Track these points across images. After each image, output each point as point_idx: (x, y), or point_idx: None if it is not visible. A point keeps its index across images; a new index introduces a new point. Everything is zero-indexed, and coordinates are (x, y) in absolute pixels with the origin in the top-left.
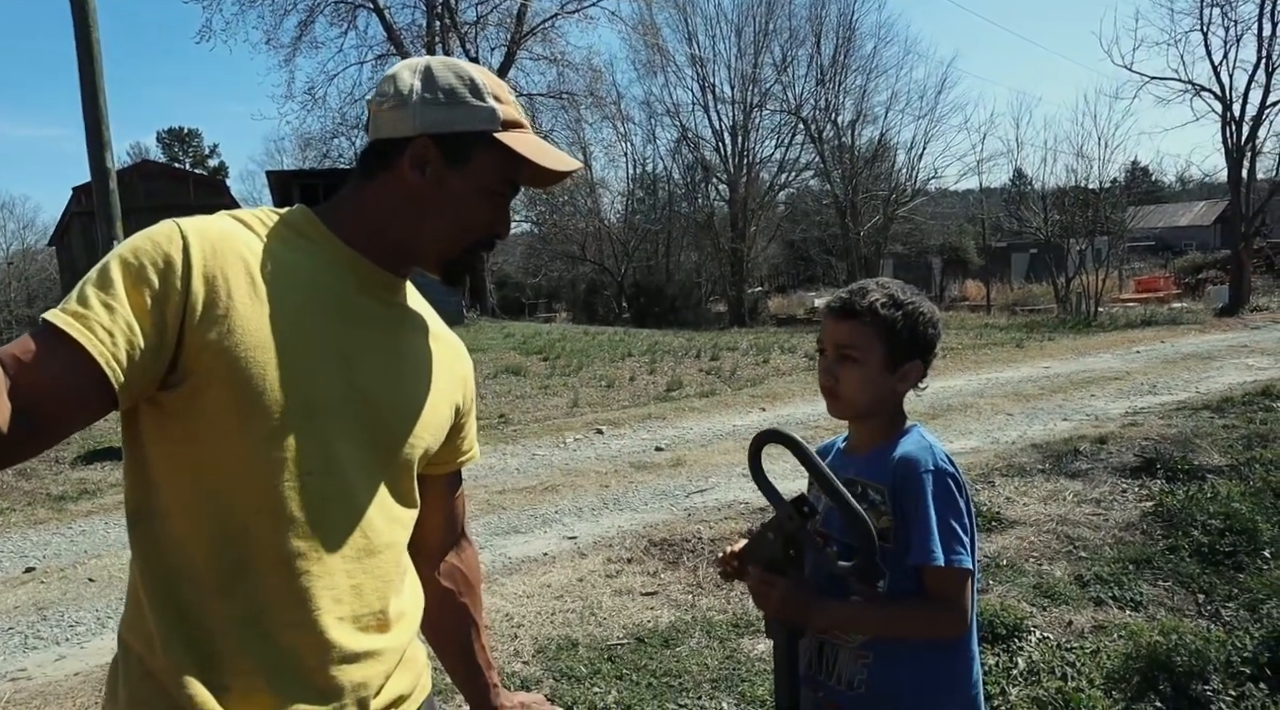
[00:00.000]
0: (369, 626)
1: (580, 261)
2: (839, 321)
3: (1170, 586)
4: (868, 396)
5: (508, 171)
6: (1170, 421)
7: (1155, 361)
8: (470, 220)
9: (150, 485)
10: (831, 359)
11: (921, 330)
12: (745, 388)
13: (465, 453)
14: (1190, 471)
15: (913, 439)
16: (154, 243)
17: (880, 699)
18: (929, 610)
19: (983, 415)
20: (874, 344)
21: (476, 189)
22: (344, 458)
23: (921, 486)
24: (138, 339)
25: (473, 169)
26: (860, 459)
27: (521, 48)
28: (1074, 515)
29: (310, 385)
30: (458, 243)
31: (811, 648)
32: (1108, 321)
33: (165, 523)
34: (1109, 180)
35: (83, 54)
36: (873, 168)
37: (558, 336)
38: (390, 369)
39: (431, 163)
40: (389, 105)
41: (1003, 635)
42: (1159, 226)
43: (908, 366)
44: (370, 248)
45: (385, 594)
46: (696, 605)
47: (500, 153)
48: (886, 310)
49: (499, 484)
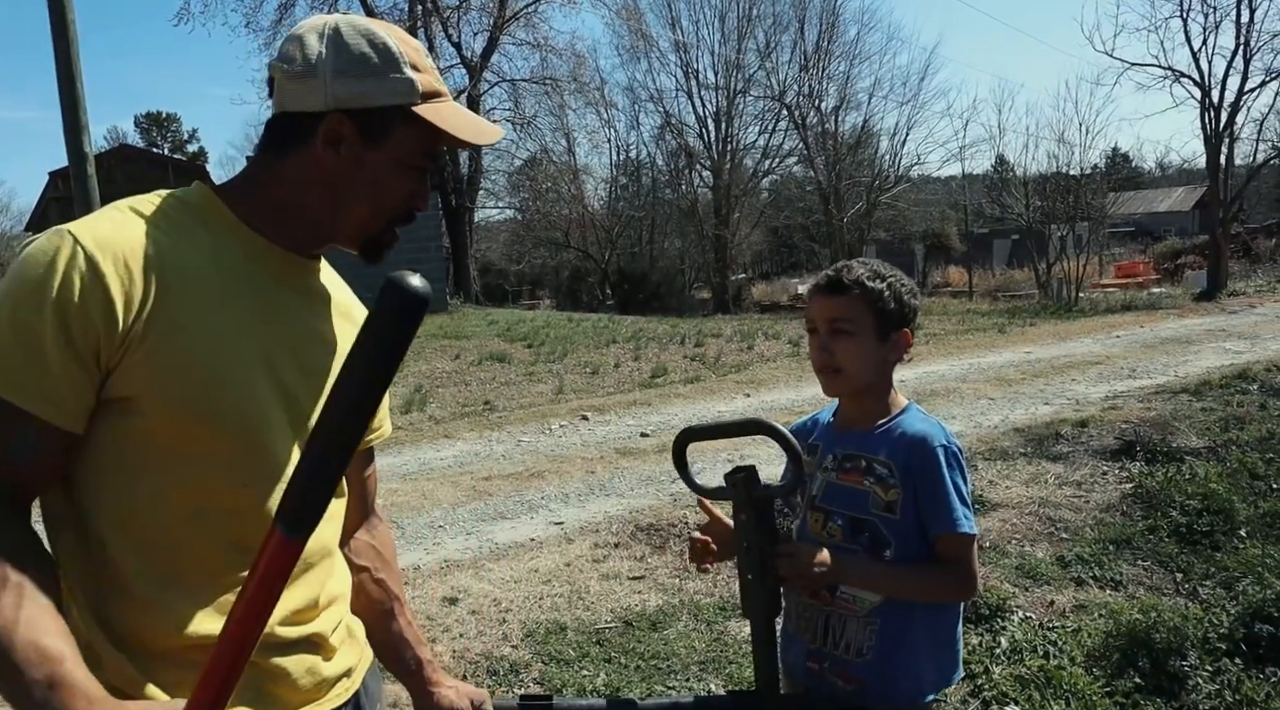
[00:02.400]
0: (305, 618)
1: (564, 248)
2: (829, 297)
3: (1149, 566)
4: (865, 366)
5: (427, 144)
6: (1149, 405)
7: (1135, 346)
8: (390, 197)
9: (74, 493)
10: (825, 335)
11: (906, 299)
12: (730, 374)
13: (376, 430)
14: (1169, 453)
15: (918, 416)
16: (50, 267)
17: (887, 661)
18: (947, 573)
19: (965, 400)
20: (866, 315)
21: (394, 163)
22: (277, 463)
23: (937, 460)
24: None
25: (391, 144)
26: (860, 435)
27: (504, 32)
28: (1055, 497)
29: (236, 396)
30: (377, 220)
31: (817, 622)
32: (1088, 307)
33: (91, 535)
34: (1090, 166)
35: (58, 35)
36: (856, 154)
37: (542, 323)
38: (313, 364)
39: (347, 140)
40: (295, 74)
41: (986, 615)
42: (1139, 212)
43: (896, 335)
44: (280, 231)
45: (319, 585)
46: (683, 588)
47: (419, 126)
48: (873, 282)
49: (485, 470)
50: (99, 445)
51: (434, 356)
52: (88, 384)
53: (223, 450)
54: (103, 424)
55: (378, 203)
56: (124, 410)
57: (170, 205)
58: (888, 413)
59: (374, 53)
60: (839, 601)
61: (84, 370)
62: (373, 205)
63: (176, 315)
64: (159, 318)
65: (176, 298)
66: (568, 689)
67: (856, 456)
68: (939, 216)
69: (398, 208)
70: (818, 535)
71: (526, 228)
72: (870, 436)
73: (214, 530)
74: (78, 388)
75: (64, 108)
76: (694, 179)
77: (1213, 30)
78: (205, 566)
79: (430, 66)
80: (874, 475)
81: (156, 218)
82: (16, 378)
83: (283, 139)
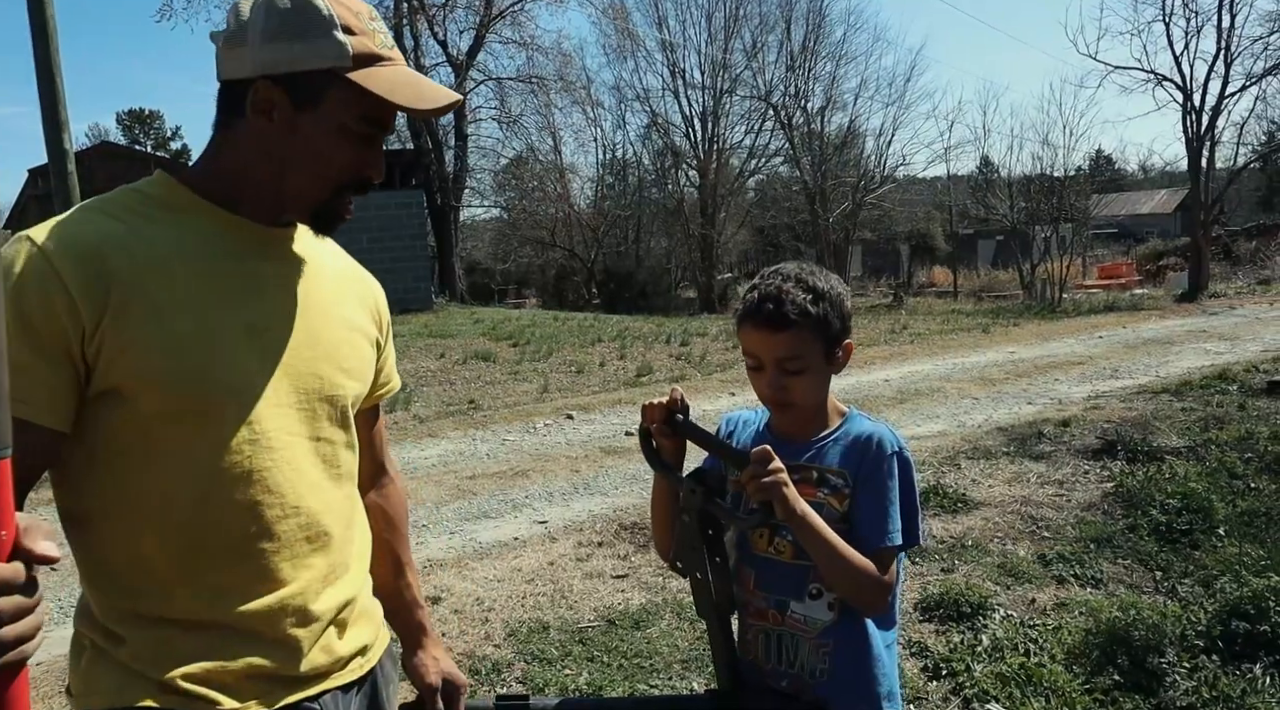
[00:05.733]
0: (330, 582)
1: (550, 247)
2: (773, 334)
3: (1129, 564)
4: (819, 396)
5: (368, 110)
6: (1131, 405)
7: (1117, 346)
8: (331, 165)
9: (84, 488)
10: (775, 374)
11: (846, 309)
12: (715, 372)
13: (384, 385)
14: (1150, 453)
15: (866, 421)
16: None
17: (843, 682)
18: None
19: (949, 399)
20: (815, 346)
21: (334, 131)
22: (275, 430)
23: (890, 469)
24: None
25: (326, 110)
26: (804, 445)
27: (491, 31)
28: (1037, 496)
29: (223, 368)
30: (323, 189)
31: (765, 642)
32: (1071, 307)
33: (106, 525)
34: (1074, 168)
35: (37, 31)
36: (842, 154)
37: (527, 322)
38: (301, 328)
39: (278, 107)
40: (228, 40)
41: (968, 613)
42: (1122, 214)
43: (840, 350)
44: (243, 204)
45: (334, 558)
46: (666, 587)
47: (355, 91)
48: (815, 307)
49: (469, 469)
50: (102, 438)
51: (419, 355)
52: (64, 383)
53: (218, 422)
54: (102, 417)
55: (319, 171)
56: (115, 401)
57: (130, 197)
58: (829, 421)
59: (302, 16)
60: (790, 621)
61: (56, 370)
62: (314, 174)
63: (151, 300)
64: (132, 306)
65: (149, 284)
66: (550, 688)
67: (806, 468)
68: (924, 217)
69: (344, 177)
70: (764, 552)
71: (512, 226)
72: (817, 446)
73: (224, 501)
74: (49, 387)
75: (44, 105)
76: (680, 178)
77: (1194, 35)
78: (223, 538)
79: (371, 29)
80: (828, 486)
81: (117, 212)
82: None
83: (225, 110)
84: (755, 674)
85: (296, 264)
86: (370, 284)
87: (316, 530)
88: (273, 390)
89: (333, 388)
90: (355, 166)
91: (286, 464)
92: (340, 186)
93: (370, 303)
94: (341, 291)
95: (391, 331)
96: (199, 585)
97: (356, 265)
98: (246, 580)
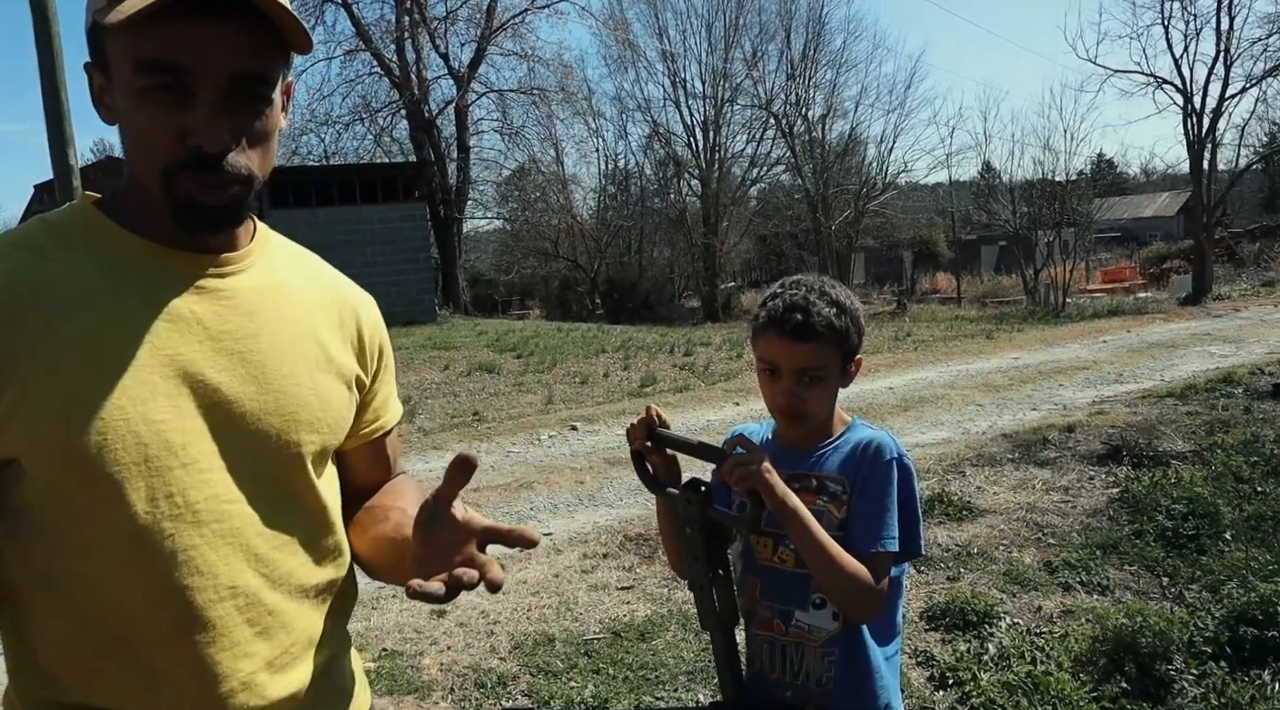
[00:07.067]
0: (279, 668)
1: (553, 258)
2: (797, 344)
3: (1136, 570)
4: (831, 407)
5: (137, 53)
6: (1136, 409)
7: (1121, 351)
8: (142, 140)
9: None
10: (792, 382)
11: (862, 325)
12: (719, 382)
13: (372, 423)
14: (1155, 458)
15: (867, 429)
16: None
17: (849, 691)
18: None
19: (954, 406)
20: (834, 358)
21: (130, 97)
22: (205, 500)
23: (889, 475)
24: None
25: (116, 74)
26: (805, 454)
27: (492, 43)
28: (1043, 503)
29: (132, 433)
30: (150, 173)
31: (771, 652)
32: (1075, 312)
33: (27, 607)
34: (1075, 172)
35: (42, 46)
36: (843, 162)
37: (531, 334)
38: (242, 376)
39: (106, 90)
40: None
41: (974, 622)
42: (1124, 217)
43: (853, 364)
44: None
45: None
46: (672, 599)
47: (119, 38)
48: (839, 320)
49: (473, 482)
50: (10, 512)
51: (422, 367)
52: None
53: (130, 495)
54: (6, 490)
55: (140, 154)
56: (16, 473)
57: (34, 232)
58: (832, 430)
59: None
60: (794, 630)
61: None
62: (137, 157)
63: (51, 357)
64: (26, 366)
65: (43, 336)
66: (555, 701)
67: (806, 476)
68: (927, 223)
69: (162, 152)
70: (767, 561)
71: (515, 238)
72: (818, 454)
73: (145, 586)
74: None
75: (49, 120)
76: (682, 188)
77: (1194, 37)
78: (148, 627)
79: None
80: (827, 493)
81: (13, 254)
82: None
83: None
84: (761, 685)
85: (240, 295)
86: (353, 307)
87: (259, 611)
88: (200, 453)
89: (284, 445)
90: (164, 134)
91: (220, 539)
92: (166, 167)
93: (350, 331)
94: (309, 324)
95: (388, 357)
96: (126, 677)
97: (339, 284)
98: (179, 674)
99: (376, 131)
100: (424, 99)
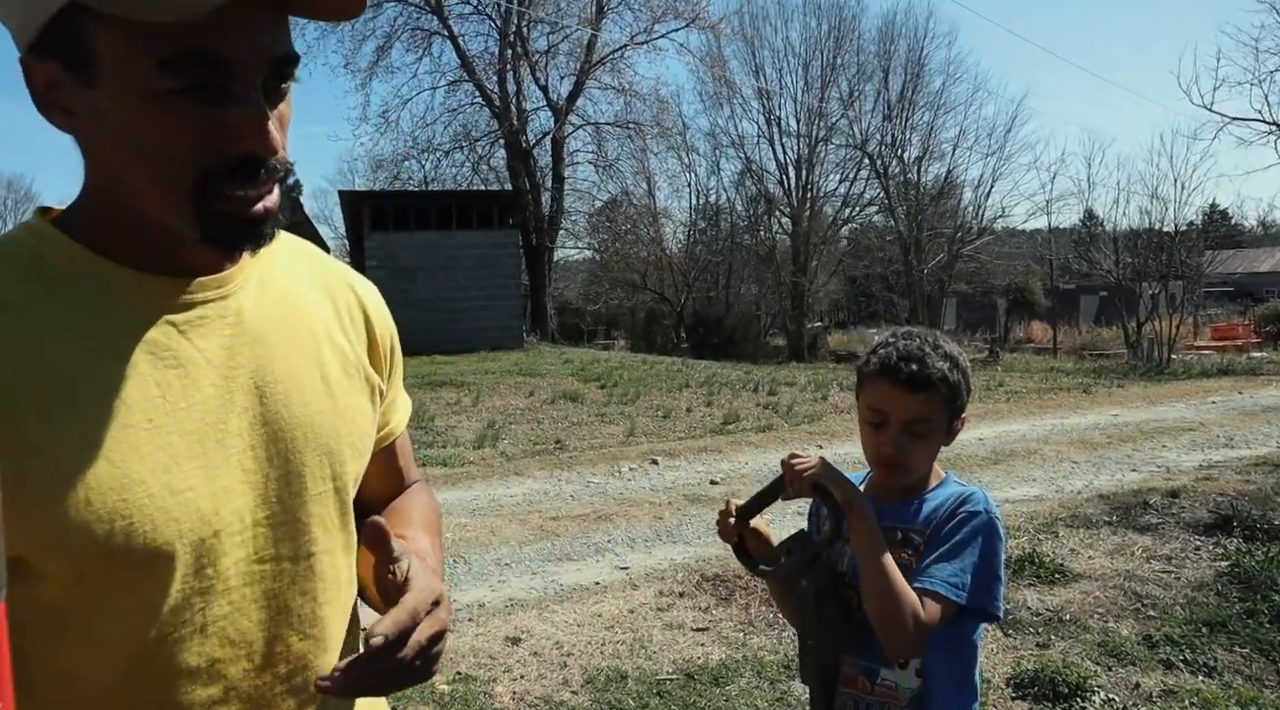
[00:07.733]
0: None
1: (640, 290)
2: (910, 395)
3: (1248, 653)
4: (931, 463)
5: (162, 52)
6: (1248, 477)
7: (1232, 413)
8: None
9: None
10: (899, 434)
11: (971, 384)
12: (803, 424)
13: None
14: (1270, 531)
15: (958, 485)
16: None
17: None
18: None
19: (1047, 462)
20: (942, 413)
21: (139, 100)
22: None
23: (972, 526)
24: None
25: (111, 75)
26: (896, 507)
27: (590, 77)
28: (1142, 571)
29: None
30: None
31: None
32: (1181, 369)
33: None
34: (1185, 223)
35: None
36: (938, 205)
37: (616, 364)
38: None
39: (65, 90)
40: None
41: (1065, 694)
42: (1238, 271)
43: (958, 422)
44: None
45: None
46: (747, 644)
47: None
48: (953, 374)
49: (553, 510)
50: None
51: (508, 393)
52: None
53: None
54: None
55: (145, 165)
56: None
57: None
58: (927, 484)
59: None
60: (880, 689)
61: None
62: (141, 171)
63: (27, 437)
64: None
65: (21, 412)
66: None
67: (892, 529)
68: (1023, 270)
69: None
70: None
71: (604, 268)
72: (907, 507)
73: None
74: None
75: None
76: (773, 225)
77: None
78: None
79: None
80: (910, 546)
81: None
82: None
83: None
84: None
85: (246, 319)
86: (356, 294)
87: (304, 676)
88: (231, 516)
89: (322, 481)
90: (201, 140)
91: (253, 604)
92: (200, 178)
93: (360, 330)
94: (324, 332)
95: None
96: None
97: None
98: None
99: (475, 160)
100: (522, 129)
